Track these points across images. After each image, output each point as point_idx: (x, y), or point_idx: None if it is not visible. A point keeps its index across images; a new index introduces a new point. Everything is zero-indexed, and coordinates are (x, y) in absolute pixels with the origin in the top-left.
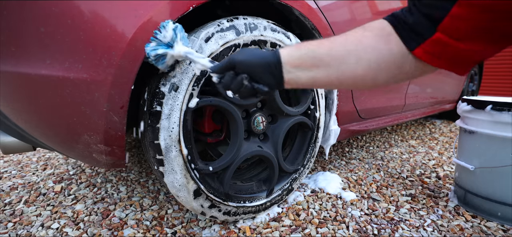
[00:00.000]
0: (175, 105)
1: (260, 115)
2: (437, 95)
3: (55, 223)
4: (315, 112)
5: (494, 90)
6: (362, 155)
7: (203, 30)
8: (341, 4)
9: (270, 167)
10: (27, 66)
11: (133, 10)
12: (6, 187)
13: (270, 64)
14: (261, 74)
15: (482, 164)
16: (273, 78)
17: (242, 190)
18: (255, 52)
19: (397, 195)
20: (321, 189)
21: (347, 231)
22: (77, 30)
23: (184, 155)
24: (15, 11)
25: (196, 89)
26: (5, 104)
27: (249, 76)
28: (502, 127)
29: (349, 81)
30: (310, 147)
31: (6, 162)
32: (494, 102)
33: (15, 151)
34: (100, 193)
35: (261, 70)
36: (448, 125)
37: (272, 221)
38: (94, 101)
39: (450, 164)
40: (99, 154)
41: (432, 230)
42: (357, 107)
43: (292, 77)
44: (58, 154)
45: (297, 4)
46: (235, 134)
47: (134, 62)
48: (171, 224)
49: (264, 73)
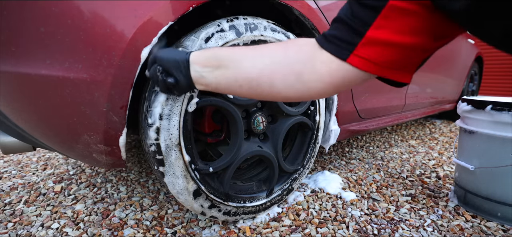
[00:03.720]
0: (175, 106)
1: (260, 115)
2: (437, 95)
3: (55, 223)
4: (315, 112)
5: (494, 90)
6: (362, 155)
7: (203, 30)
8: (341, 4)
9: (270, 167)
10: (27, 66)
11: (133, 10)
12: (6, 187)
13: (179, 62)
14: (172, 70)
15: (482, 164)
16: (181, 74)
17: (242, 190)
18: (172, 51)
19: (397, 195)
20: (321, 189)
21: (347, 231)
22: (77, 30)
23: (184, 155)
24: (15, 11)
25: (196, 91)
26: (5, 104)
27: (164, 70)
28: (502, 127)
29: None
30: (310, 147)
31: (6, 162)
32: (494, 102)
33: (15, 151)
34: (100, 193)
35: (173, 66)
36: (448, 125)
37: (272, 221)
38: (94, 101)
39: (450, 164)
40: (99, 154)
41: (432, 230)
42: (357, 107)
43: (198, 76)
44: (58, 154)
45: (297, 4)
46: (235, 134)
47: (134, 62)
48: (171, 224)
49: (174, 69)
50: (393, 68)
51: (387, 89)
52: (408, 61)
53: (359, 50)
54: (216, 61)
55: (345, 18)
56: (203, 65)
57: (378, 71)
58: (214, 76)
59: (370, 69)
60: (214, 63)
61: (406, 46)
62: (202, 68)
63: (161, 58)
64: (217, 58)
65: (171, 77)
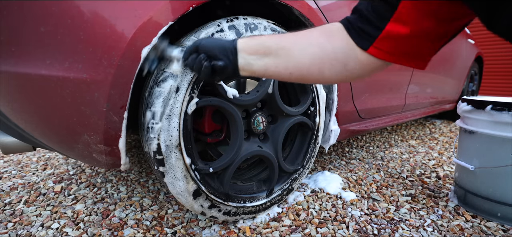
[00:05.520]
0: (175, 106)
1: (260, 115)
2: (437, 95)
3: (55, 223)
4: (315, 113)
5: (494, 90)
6: (362, 155)
7: (203, 30)
8: (341, 4)
9: (270, 167)
10: (27, 66)
11: (133, 10)
12: (6, 187)
13: (227, 49)
14: (218, 55)
15: (482, 164)
16: (228, 60)
17: (242, 190)
18: (216, 39)
19: (397, 195)
20: (321, 189)
21: (347, 231)
22: (77, 30)
23: (184, 155)
24: (15, 11)
25: (196, 91)
26: (5, 104)
27: (210, 56)
28: (502, 127)
29: (296, 71)
30: (310, 147)
31: (6, 162)
32: (494, 102)
33: (15, 151)
34: (100, 193)
35: (219, 52)
36: (448, 125)
37: (272, 221)
38: (94, 101)
39: (450, 164)
40: (99, 154)
41: (432, 230)
42: (357, 107)
43: (245, 63)
44: (58, 154)
45: (297, 4)
46: (235, 134)
47: (134, 62)
48: (171, 224)
49: (221, 54)
50: (410, 57)
51: (387, 89)
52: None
53: (378, 43)
54: (265, 49)
55: (366, 11)
56: (251, 53)
57: (396, 60)
58: (263, 63)
59: (390, 59)
60: (263, 51)
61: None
62: (250, 56)
63: (206, 46)
64: (265, 46)
65: (220, 61)
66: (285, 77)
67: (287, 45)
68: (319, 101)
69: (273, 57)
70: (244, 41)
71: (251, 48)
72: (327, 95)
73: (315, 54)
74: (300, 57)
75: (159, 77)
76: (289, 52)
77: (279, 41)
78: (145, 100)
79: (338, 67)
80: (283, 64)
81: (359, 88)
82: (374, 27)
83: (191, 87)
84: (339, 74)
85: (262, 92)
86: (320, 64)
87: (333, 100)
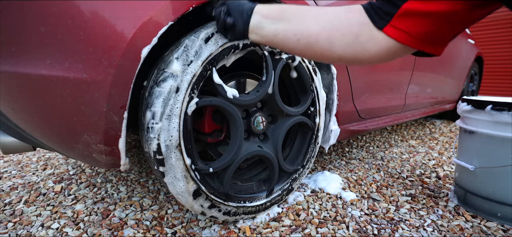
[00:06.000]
0: (175, 106)
1: (260, 115)
2: (437, 95)
3: (55, 223)
4: (315, 113)
5: (494, 90)
6: (362, 155)
7: (203, 30)
8: (341, 4)
9: (270, 167)
10: (27, 66)
11: (133, 10)
12: (6, 187)
13: (244, 9)
14: (235, 12)
15: (482, 164)
16: (241, 19)
17: (242, 190)
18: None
19: (397, 195)
20: (321, 189)
21: (347, 231)
22: (77, 30)
23: (184, 155)
24: (15, 11)
25: (196, 91)
26: (5, 104)
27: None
28: (502, 127)
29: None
30: (310, 147)
31: (6, 162)
32: (494, 102)
33: (15, 151)
34: (100, 193)
35: (236, 9)
36: (448, 125)
37: (272, 221)
38: (94, 101)
39: (450, 164)
40: (99, 154)
41: (432, 230)
42: (357, 107)
43: (257, 25)
44: (58, 154)
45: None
46: (235, 134)
47: (134, 62)
48: (171, 224)
49: (237, 12)
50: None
51: (387, 89)
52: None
53: (395, 21)
54: (280, 13)
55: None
56: (265, 16)
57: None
58: (275, 28)
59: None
60: (277, 16)
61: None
62: (263, 19)
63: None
64: (281, 10)
65: (231, 18)
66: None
67: (302, 11)
68: (319, 101)
69: (285, 22)
70: (263, 5)
71: (267, 10)
72: (327, 95)
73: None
74: (311, 23)
75: (159, 77)
76: (302, 17)
77: (295, 7)
78: (145, 100)
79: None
80: (292, 30)
81: (359, 88)
82: (391, 5)
83: (191, 87)
84: (350, 47)
85: (262, 92)
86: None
87: (333, 100)
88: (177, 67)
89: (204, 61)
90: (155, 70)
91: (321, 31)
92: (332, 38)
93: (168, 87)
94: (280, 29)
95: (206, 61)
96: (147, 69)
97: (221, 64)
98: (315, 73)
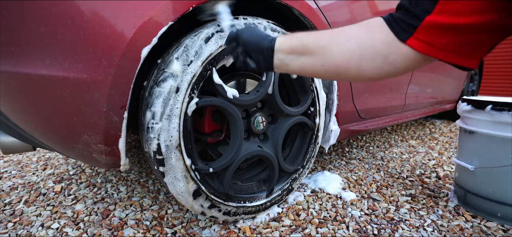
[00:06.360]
0: (175, 107)
1: (260, 115)
2: (437, 95)
3: (55, 223)
4: (315, 113)
5: (494, 90)
6: (362, 155)
7: (203, 30)
8: (341, 4)
9: (270, 167)
10: (27, 66)
11: (133, 10)
12: (6, 187)
13: (263, 49)
14: (254, 53)
15: (482, 164)
16: (264, 60)
17: (242, 190)
18: (256, 34)
19: (397, 195)
20: (321, 189)
21: (347, 231)
22: (77, 30)
23: (184, 155)
24: (15, 11)
25: (196, 91)
26: (5, 104)
27: (245, 51)
28: (502, 127)
29: (333, 68)
30: (310, 147)
31: (6, 162)
32: (494, 102)
33: (15, 151)
34: (100, 193)
35: (256, 51)
36: (448, 125)
37: (272, 221)
38: (94, 101)
39: (450, 164)
40: (99, 154)
41: (432, 230)
42: (357, 107)
43: (281, 63)
44: (58, 154)
45: (297, 4)
46: (235, 134)
47: (134, 62)
48: (171, 224)
49: (257, 54)
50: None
51: (387, 89)
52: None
53: (419, 33)
54: (302, 47)
55: (408, 5)
56: (288, 53)
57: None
58: (300, 63)
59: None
60: (299, 50)
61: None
62: (287, 56)
63: (244, 41)
64: (303, 44)
65: (252, 61)
66: (321, 75)
67: (325, 42)
68: (319, 101)
69: (309, 56)
70: (282, 40)
71: (288, 48)
72: (327, 95)
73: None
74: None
75: (159, 77)
76: (326, 49)
77: (316, 39)
78: (145, 100)
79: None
80: (319, 62)
81: (359, 88)
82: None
83: (191, 87)
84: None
85: (262, 92)
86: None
87: (333, 100)
88: (177, 67)
89: (204, 61)
90: (155, 70)
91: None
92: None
93: (168, 87)
94: (305, 63)
95: (206, 61)
96: (147, 69)
97: (221, 64)
98: None
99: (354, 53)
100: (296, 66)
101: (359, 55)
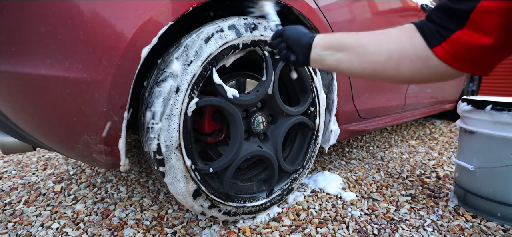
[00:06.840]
0: (175, 107)
1: (260, 115)
2: (437, 95)
3: (55, 223)
4: (315, 113)
5: (494, 90)
6: (362, 155)
7: (204, 30)
8: (341, 4)
9: (270, 167)
10: (27, 66)
11: (133, 10)
12: (6, 187)
13: (303, 44)
14: (295, 48)
15: (482, 164)
16: (302, 53)
17: (242, 190)
18: (298, 31)
19: (397, 195)
20: (321, 189)
21: (347, 231)
22: (77, 30)
23: (184, 155)
24: (15, 11)
25: (196, 91)
26: (5, 104)
27: (287, 46)
28: (502, 127)
29: (370, 67)
30: (310, 147)
31: (6, 162)
32: (494, 102)
33: (15, 151)
34: (100, 193)
35: (296, 46)
36: (448, 125)
37: (272, 221)
38: (94, 101)
39: (450, 164)
40: (99, 154)
41: (432, 230)
42: (357, 107)
43: (318, 57)
44: (58, 154)
45: (297, 4)
46: (235, 134)
47: (134, 62)
48: (171, 224)
49: (297, 48)
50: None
51: (387, 89)
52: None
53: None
54: (339, 44)
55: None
56: (325, 48)
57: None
58: (336, 58)
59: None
60: (336, 47)
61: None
62: (323, 51)
63: (287, 36)
64: (340, 41)
65: (293, 55)
66: (357, 73)
67: (363, 41)
68: (319, 101)
69: (346, 53)
70: (320, 37)
71: (326, 44)
72: (327, 95)
73: (392, 50)
74: (375, 53)
75: (159, 77)
76: (365, 48)
77: (355, 38)
78: (145, 100)
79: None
80: (356, 60)
81: (359, 88)
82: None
83: (191, 87)
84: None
85: (262, 92)
86: (398, 60)
87: (333, 100)
88: (177, 67)
89: (204, 61)
90: (155, 70)
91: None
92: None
93: (168, 87)
94: (342, 59)
95: (206, 61)
96: (147, 69)
97: (221, 64)
98: (315, 73)
99: (392, 54)
100: (332, 61)
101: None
